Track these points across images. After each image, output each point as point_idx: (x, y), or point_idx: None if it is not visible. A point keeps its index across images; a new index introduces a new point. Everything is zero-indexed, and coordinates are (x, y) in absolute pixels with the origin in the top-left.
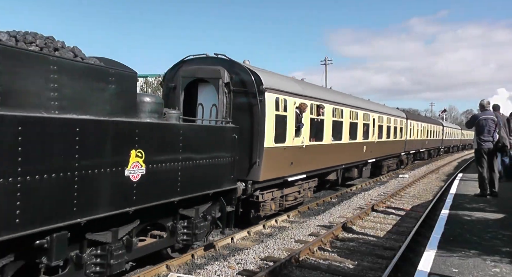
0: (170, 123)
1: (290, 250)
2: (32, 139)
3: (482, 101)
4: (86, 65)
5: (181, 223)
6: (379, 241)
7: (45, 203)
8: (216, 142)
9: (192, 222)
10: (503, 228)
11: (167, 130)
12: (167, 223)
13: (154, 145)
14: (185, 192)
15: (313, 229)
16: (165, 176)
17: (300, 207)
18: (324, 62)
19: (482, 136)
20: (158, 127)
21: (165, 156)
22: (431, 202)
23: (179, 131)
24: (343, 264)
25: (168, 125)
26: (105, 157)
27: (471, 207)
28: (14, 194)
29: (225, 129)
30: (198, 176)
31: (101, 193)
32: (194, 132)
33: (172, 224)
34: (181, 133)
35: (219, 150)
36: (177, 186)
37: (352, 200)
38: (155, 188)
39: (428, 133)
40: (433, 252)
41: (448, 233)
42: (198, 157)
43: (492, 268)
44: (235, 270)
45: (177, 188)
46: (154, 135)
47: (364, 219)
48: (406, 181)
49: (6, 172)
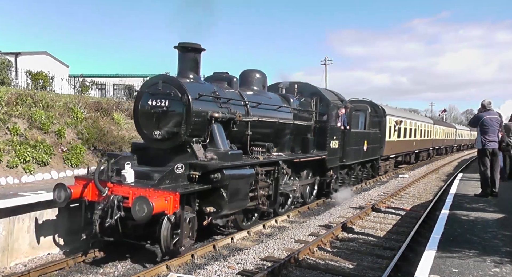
0: (368, 131)
1: (290, 250)
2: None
3: (483, 101)
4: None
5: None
6: (379, 241)
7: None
8: (373, 138)
9: (369, 168)
10: (503, 228)
11: (368, 134)
12: (368, 164)
13: (369, 139)
14: (366, 157)
15: (313, 229)
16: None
17: (300, 207)
18: (324, 62)
19: (487, 136)
20: (368, 133)
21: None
22: (431, 202)
23: (366, 134)
24: (343, 264)
25: (368, 132)
26: (362, 143)
27: (471, 207)
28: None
29: (376, 133)
30: (370, 151)
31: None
32: (368, 134)
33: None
34: (366, 134)
35: (373, 142)
36: (365, 155)
37: (352, 200)
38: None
39: (446, 134)
40: (433, 252)
41: (448, 233)
42: (370, 143)
43: (492, 268)
44: (235, 270)
45: (364, 155)
46: (368, 136)
47: (364, 219)
48: (406, 181)
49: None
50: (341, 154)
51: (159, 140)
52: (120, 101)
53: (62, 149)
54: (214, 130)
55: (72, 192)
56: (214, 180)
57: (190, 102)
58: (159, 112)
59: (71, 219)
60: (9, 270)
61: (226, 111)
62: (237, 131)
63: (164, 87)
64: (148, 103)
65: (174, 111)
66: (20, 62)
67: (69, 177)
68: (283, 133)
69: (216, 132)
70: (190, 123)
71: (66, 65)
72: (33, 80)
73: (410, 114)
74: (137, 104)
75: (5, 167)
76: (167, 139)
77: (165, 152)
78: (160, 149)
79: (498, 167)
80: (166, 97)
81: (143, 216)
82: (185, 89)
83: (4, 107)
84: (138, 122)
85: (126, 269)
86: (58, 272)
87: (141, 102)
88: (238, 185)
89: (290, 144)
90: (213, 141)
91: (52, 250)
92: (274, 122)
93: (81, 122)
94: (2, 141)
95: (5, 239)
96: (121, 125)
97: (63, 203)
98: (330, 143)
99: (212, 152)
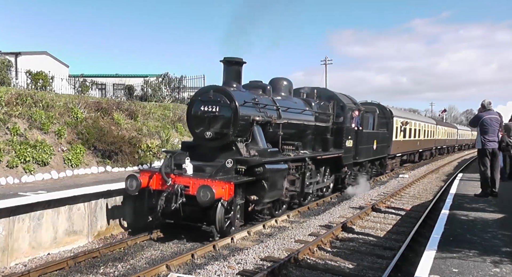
0: (377, 132)
1: (290, 250)
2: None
3: (483, 102)
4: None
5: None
6: (379, 241)
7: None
8: (381, 138)
9: (378, 165)
10: (503, 228)
11: (377, 134)
12: (376, 162)
13: (378, 139)
14: (375, 155)
15: (313, 229)
16: (379, 147)
17: (300, 207)
18: (324, 62)
19: (487, 136)
20: (377, 133)
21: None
22: (431, 202)
23: (376, 134)
24: (343, 264)
25: (378, 132)
26: (372, 142)
27: (471, 207)
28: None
29: (384, 133)
30: (379, 150)
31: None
32: (377, 134)
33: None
34: (376, 134)
35: (382, 141)
36: (374, 153)
37: (352, 200)
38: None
39: (448, 134)
40: (433, 252)
41: (448, 233)
42: (379, 142)
43: (492, 268)
44: (235, 270)
45: (373, 154)
46: (377, 136)
47: (364, 219)
48: (406, 181)
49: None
50: (354, 152)
51: (210, 140)
52: (120, 101)
53: (62, 149)
54: (255, 131)
55: (141, 182)
56: (257, 173)
57: (237, 108)
58: (210, 116)
59: (135, 205)
60: (9, 270)
61: (264, 115)
62: (271, 132)
63: (214, 95)
64: (201, 108)
65: (223, 115)
66: (20, 62)
67: (69, 177)
68: (306, 133)
69: (257, 133)
70: (237, 125)
71: (66, 65)
72: (33, 80)
73: (414, 115)
74: (190, 110)
75: (5, 167)
76: (216, 138)
77: (214, 149)
78: (210, 147)
79: (498, 167)
80: (216, 103)
81: (207, 200)
82: (233, 97)
83: (4, 107)
84: (192, 124)
85: (126, 269)
86: (58, 272)
87: (194, 107)
88: (276, 178)
89: (311, 143)
90: (254, 140)
91: (52, 250)
92: (299, 123)
93: (81, 122)
94: (2, 141)
95: (5, 239)
96: (121, 125)
97: (134, 191)
98: (345, 142)
99: (253, 149)
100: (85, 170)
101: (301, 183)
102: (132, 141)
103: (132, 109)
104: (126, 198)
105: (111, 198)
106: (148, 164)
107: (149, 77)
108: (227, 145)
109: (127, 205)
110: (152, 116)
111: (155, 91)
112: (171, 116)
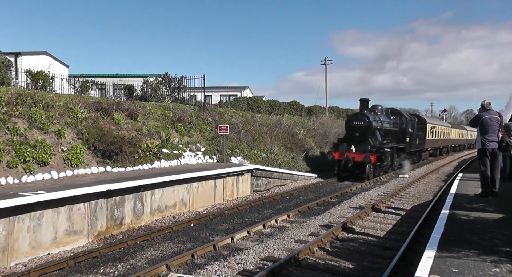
0: (418, 133)
1: (290, 250)
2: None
3: (483, 102)
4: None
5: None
6: (379, 241)
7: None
8: (420, 137)
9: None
10: (503, 228)
11: (418, 134)
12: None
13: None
14: (416, 148)
15: (313, 229)
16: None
17: (300, 207)
18: (324, 62)
19: (487, 136)
20: (418, 134)
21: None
22: (431, 202)
23: (418, 134)
24: (343, 264)
25: (418, 134)
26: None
27: (471, 207)
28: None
29: (421, 134)
30: (419, 145)
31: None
32: (418, 135)
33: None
34: (418, 134)
35: (420, 139)
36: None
37: (352, 200)
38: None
39: (459, 135)
40: (433, 252)
41: (448, 233)
42: (419, 140)
43: (492, 268)
44: (235, 270)
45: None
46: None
47: (364, 219)
48: (406, 181)
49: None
50: (409, 145)
51: (357, 137)
52: (120, 101)
53: (62, 149)
54: (376, 133)
55: (334, 155)
56: (380, 151)
57: (371, 123)
58: (357, 126)
59: (135, 205)
60: (9, 270)
61: (380, 124)
62: (380, 133)
63: (359, 119)
64: (354, 123)
65: (364, 126)
66: (20, 62)
67: (69, 177)
68: (391, 134)
69: (378, 134)
70: (370, 131)
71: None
72: (33, 80)
73: (437, 121)
74: (348, 122)
75: (5, 167)
76: (360, 136)
77: (359, 142)
78: (357, 140)
79: (498, 167)
80: (361, 121)
81: (368, 161)
82: (369, 118)
83: (4, 107)
84: (347, 129)
85: (126, 269)
86: (58, 272)
87: (348, 122)
88: (387, 154)
89: (393, 139)
90: (375, 138)
91: (52, 250)
92: (390, 129)
93: (81, 122)
94: (2, 141)
95: (5, 239)
96: (121, 125)
97: (332, 160)
98: (406, 139)
99: (376, 142)
100: (85, 170)
101: (391, 159)
102: (132, 141)
103: (132, 109)
104: (126, 197)
105: (111, 198)
106: (149, 164)
107: (149, 77)
108: (365, 139)
109: (127, 205)
110: (152, 116)
111: (155, 91)
112: (171, 116)
